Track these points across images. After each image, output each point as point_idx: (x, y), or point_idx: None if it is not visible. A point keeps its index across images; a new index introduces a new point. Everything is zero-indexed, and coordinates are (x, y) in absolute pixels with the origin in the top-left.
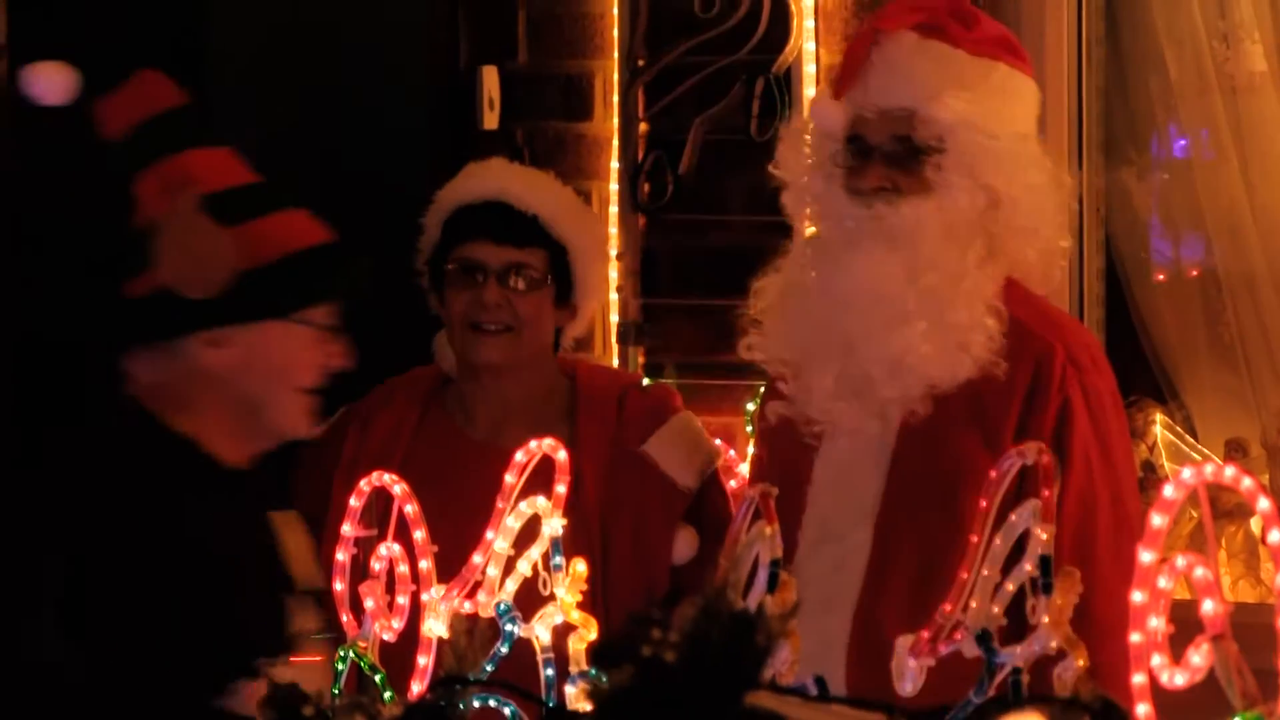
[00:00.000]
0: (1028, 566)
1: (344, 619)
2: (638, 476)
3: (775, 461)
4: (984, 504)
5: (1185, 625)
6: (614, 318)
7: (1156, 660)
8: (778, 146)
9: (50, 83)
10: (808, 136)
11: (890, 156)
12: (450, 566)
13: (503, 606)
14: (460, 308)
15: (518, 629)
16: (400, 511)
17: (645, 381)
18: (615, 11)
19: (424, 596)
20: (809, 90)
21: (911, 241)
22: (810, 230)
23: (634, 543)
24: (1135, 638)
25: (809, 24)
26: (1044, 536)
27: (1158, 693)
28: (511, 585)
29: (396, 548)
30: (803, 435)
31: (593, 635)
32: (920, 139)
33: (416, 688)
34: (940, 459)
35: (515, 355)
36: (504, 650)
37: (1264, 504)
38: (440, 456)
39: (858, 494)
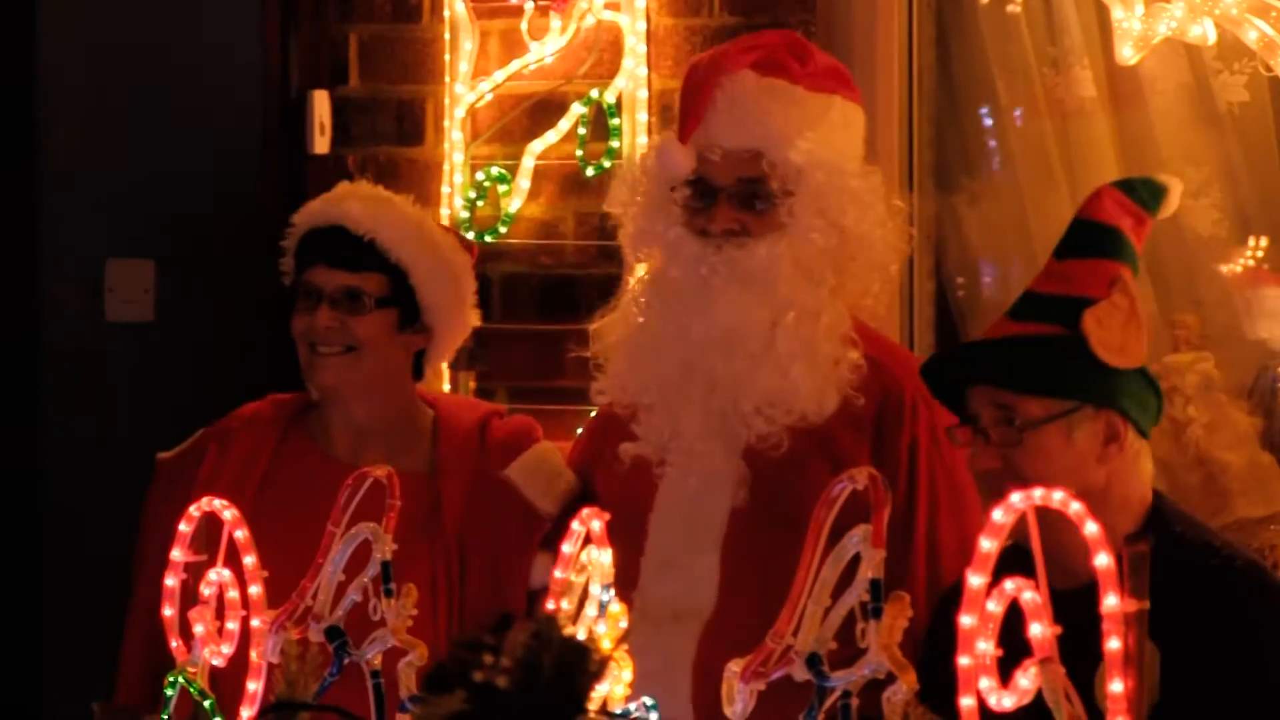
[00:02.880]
0: (858, 591)
1: (173, 644)
2: (498, 501)
3: (619, 491)
4: (815, 528)
5: None
6: None
7: (985, 683)
8: (611, 184)
9: None
10: (642, 175)
11: (737, 198)
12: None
13: (333, 631)
14: (299, 330)
15: (348, 654)
16: (230, 537)
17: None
18: (446, 37)
19: (254, 622)
20: (640, 116)
21: (767, 281)
22: (641, 270)
23: (492, 567)
24: (964, 661)
25: (640, 50)
26: (874, 561)
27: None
28: (342, 610)
29: (226, 573)
30: (653, 472)
31: (423, 660)
32: (771, 181)
33: (246, 713)
34: (790, 488)
35: (354, 376)
36: (334, 675)
37: (1091, 528)
38: (299, 478)
39: (703, 521)
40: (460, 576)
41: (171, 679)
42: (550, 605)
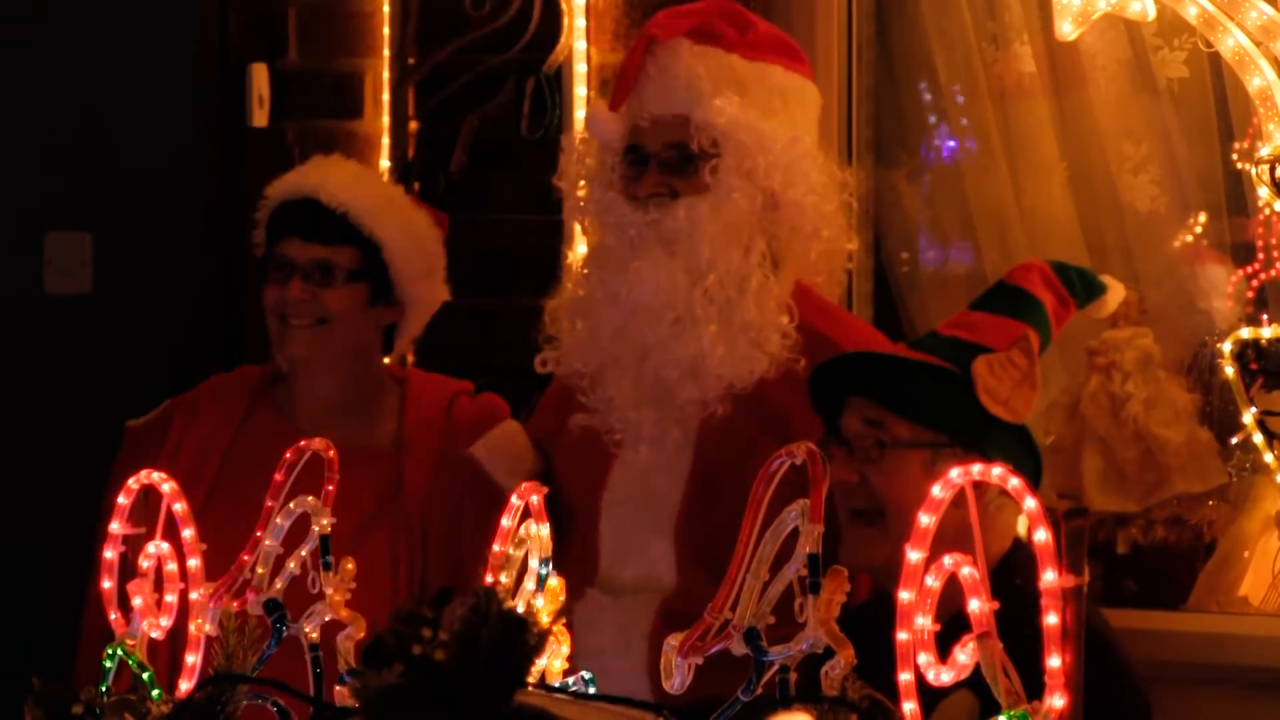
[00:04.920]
0: (796, 565)
1: (112, 617)
2: (462, 479)
3: (574, 465)
4: (753, 503)
5: None
6: None
7: (923, 658)
8: (560, 158)
9: None
10: (584, 146)
11: (666, 163)
12: None
13: (271, 604)
14: (270, 302)
15: (286, 627)
16: (169, 509)
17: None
18: (386, 9)
19: (192, 595)
20: (580, 89)
21: (690, 243)
22: (585, 242)
23: (454, 543)
24: (902, 636)
25: (580, 23)
26: (812, 536)
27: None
28: (281, 583)
29: (165, 545)
30: (604, 444)
31: (361, 634)
32: (696, 144)
33: (185, 686)
34: (742, 465)
35: (324, 348)
36: (273, 648)
37: (1030, 503)
38: (263, 449)
39: (657, 502)
40: (422, 552)
41: (110, 651)
42: (489, 579)
